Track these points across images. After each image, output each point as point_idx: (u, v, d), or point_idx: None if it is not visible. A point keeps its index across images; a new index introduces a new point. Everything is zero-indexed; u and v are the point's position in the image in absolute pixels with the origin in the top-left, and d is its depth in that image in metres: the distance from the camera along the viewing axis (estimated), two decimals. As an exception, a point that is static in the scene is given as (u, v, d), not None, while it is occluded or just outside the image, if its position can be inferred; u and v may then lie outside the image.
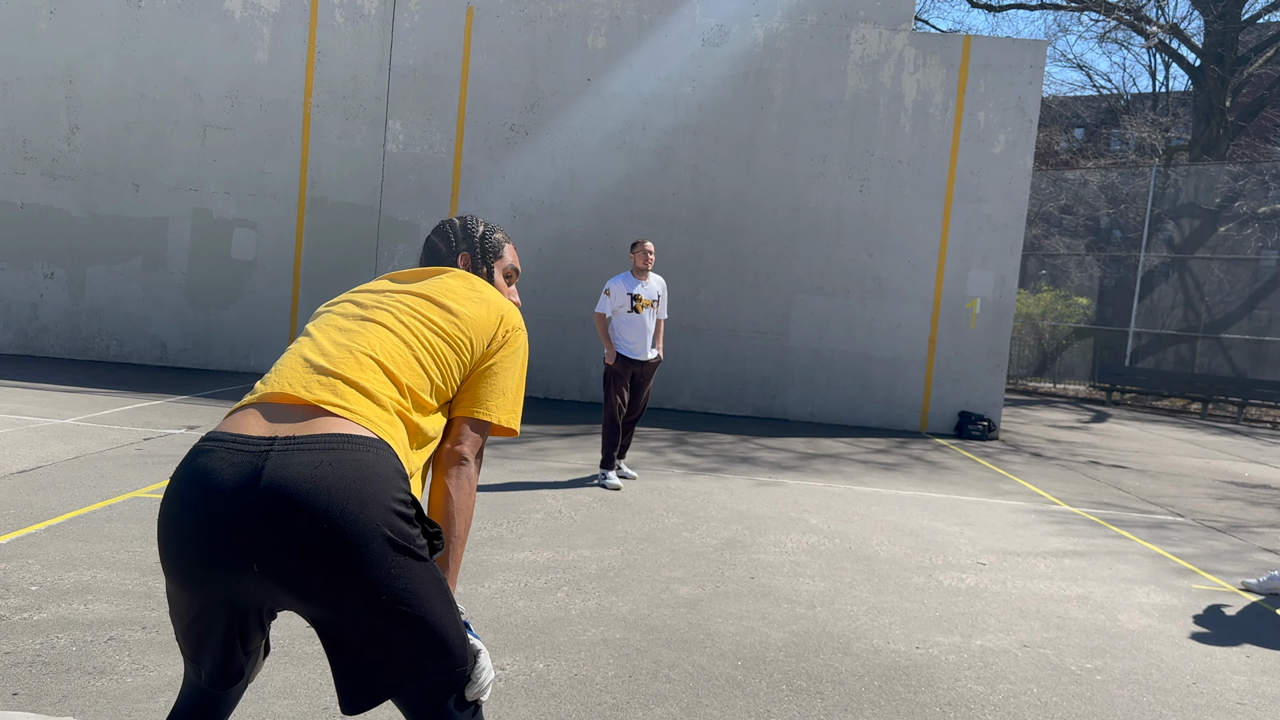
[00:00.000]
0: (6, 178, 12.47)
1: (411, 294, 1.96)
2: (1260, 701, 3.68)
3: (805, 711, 3.21)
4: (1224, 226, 21.73)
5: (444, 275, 2.05)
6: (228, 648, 1.69)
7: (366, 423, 1.65)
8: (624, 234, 12.12)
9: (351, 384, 1.71)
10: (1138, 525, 7.07)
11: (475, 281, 2.06)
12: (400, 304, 1.93)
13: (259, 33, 12.30)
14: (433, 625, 1.62)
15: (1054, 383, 23.45)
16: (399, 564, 1.56)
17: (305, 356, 1.77)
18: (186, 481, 1.57)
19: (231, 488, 1.52)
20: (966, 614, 4.46)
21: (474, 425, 1.89)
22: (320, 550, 1.49)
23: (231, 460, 1.55)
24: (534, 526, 5.48)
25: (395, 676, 1.61)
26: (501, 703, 3.08)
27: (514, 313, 2.05)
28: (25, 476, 5.63)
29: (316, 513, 1.50)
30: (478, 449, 1.90)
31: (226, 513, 1.51)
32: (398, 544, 1.57)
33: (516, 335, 2.00)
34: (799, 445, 9.88)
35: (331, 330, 1.85)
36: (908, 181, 11.97)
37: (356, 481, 1.54)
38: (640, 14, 12.02)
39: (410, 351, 1.82)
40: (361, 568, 1.52)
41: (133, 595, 3.81)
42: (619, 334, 6.89)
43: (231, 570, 1.53)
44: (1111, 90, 31.14)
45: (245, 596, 1.59)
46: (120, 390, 9.73)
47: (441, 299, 1.95)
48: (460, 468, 1.84)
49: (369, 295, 1.97)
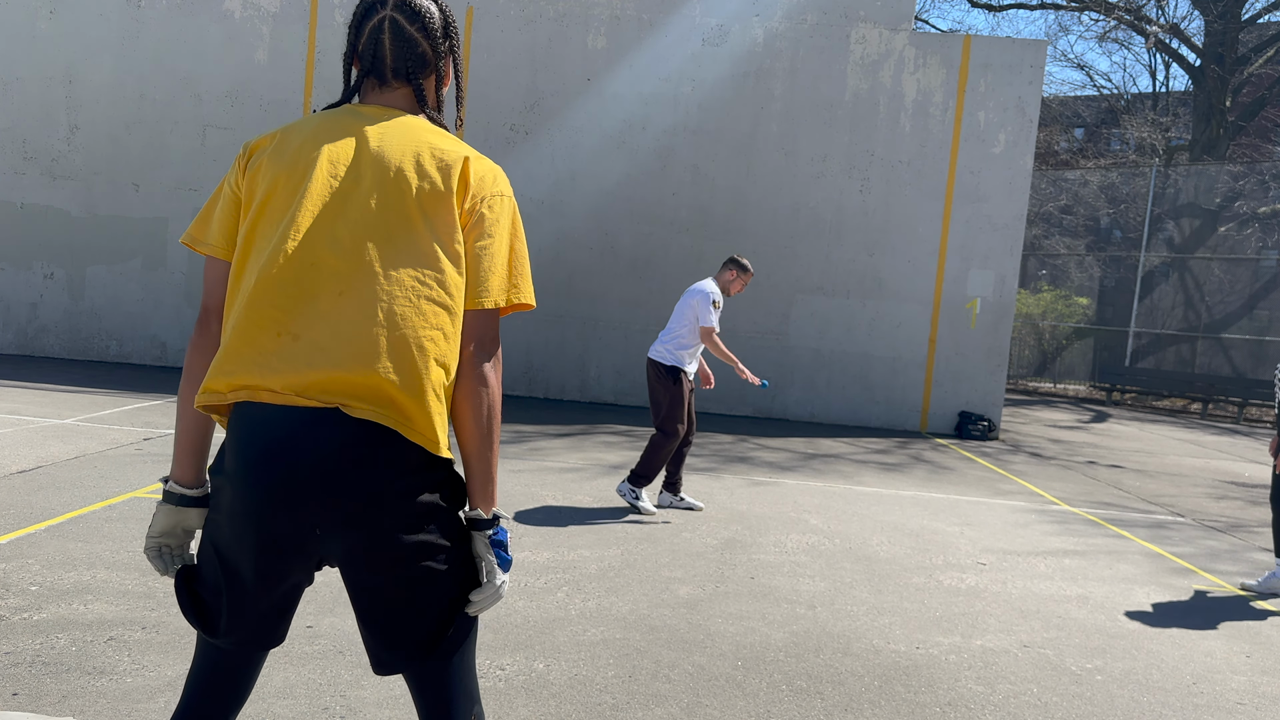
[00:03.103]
0: (6, 178, 12.46)
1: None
2: (1260, 701, 3.67)
3: (805, 712, 3.21)
4: (1224, 226, 21.73)
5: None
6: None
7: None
8: (624, 234, 12.12)
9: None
10: (1137, 525, 7.07)
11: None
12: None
13: (259, 33, 12.30)
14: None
15: (1054, 383, 23.44)
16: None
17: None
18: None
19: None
20: (967, 614, 4.46)
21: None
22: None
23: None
24: (534, 526, 5.48)
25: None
26: (501, 703, 3.08)
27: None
28: (25, 476, 5.63)
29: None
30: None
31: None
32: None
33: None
34: (799, 445, 9.88)
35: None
36: (908, 181, 11.96)
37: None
38: (640, 14, 12.02)
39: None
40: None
41: (133, 595, 3.81)
42: (696, 353, 6.09)
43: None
44: (1112, 90, 31.15)
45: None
46: (120, 390, 9.73)
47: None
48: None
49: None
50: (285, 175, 1.64)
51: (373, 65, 1.73)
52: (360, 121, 1.69)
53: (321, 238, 1.60)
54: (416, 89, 1.74)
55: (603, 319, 12.22)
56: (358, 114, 1.71)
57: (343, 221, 1.60)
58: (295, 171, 1.64)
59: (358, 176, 1.63)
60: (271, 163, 1.66)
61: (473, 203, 1.66)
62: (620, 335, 12.16)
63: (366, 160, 1.64)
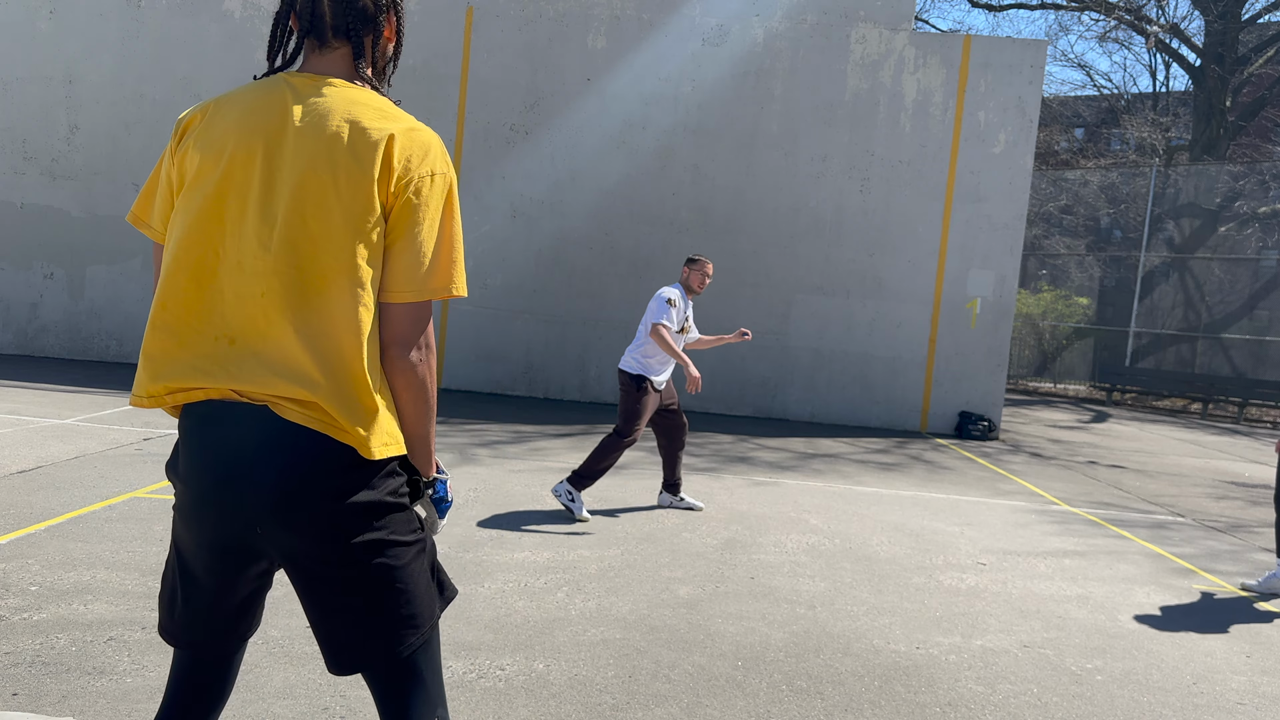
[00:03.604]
0: (6, 178, 12.46)
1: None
2: (1260, 702, 3.67)
3: (805, 712, 3.21)
4: (1224, 226, 21.73)
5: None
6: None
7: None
8: (624, 234, 12.12)
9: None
10: (1138, 525, 7.07)
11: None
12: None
13: (259, 33, 12.29)
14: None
15: (1054, 383, 23.44)
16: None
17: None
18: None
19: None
20: (967, 614, 4.46)
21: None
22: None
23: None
24: (534, 526, 5.48)
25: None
26: (501, 703, 3.08)
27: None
28: (25, 476, 5.63)
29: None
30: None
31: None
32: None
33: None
34: (799, 445, 9.88)
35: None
36: (908, 181, 11.96)
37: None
38: (640, 14, 12.01)
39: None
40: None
41: (132, 595, 3.81)
42: (665, 359, 5.84)
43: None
44: (1112, 90, 31.15)
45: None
46: (120, 390, 9.73)
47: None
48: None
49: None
50: (210, 161, 1.57)
51: (311, 24, 1.62)
52: (289, 97, 1.58)
53: (244, 233, 1.54)
54: (356, 47, 1.63)
55: (603, 319, 12.22)
56: (289, 87, 1.60)
57: (263, 213, 1.53)
58: (219, 158, 1.56)
59: (279, 164, 1.55)
60: (197, 146, 1.59)
61: (398, 186, 1.55)
62: (620, 335, 12.15)
63: (289, 145, 1.55)
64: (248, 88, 1.63)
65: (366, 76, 1.66)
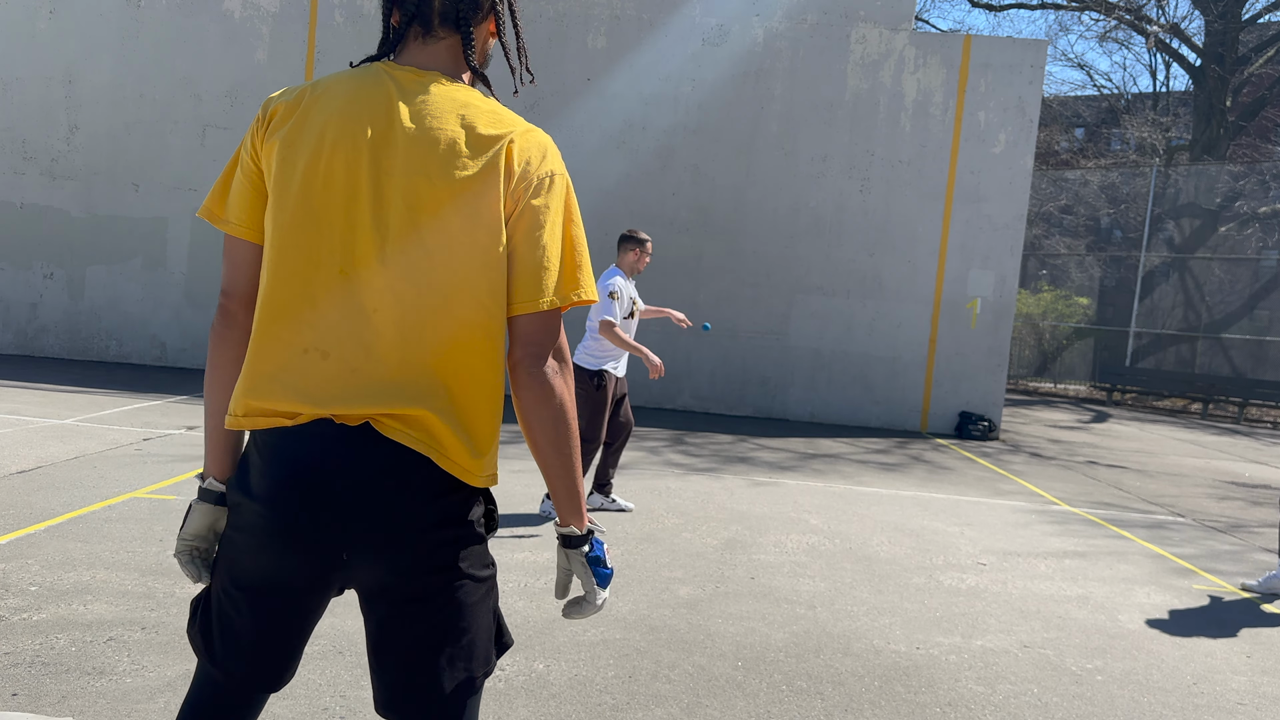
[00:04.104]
0: (6, 178, 12.46)
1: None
2: (1260, 702, 3.67)
3: (805, 712, 3.21)
4: (1224, 226, 21.73)
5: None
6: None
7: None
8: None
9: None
10: (1138, 525, 7.07)
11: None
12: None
13: (258, 32, 12.29)
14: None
15: (1054, 383, 23.43)
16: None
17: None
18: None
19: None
20: (967, 614, 4.46)
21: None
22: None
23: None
24: (534, 526, 5.47)
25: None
26: (501, 703, 3.08)
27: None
28: (25, 476, 5.63)
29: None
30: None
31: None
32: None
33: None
34: (799, 445, 9.88)
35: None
36: (908, 181, 11.96)
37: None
38: (640, 14, 12.01)
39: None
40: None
41: (132, 595, 3.81)
42: (618, 352, 5.74)
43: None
44: (1112, 90, 31.15)
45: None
46: (120, 390, 9.73)
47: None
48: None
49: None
50: (310, 161, 1.44)
51: (417, 10, 1.49)
52: (394, 92, 1.46)
53: (352, 240, 1.43)
54: (465, 38, 1.50)
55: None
56: (392, 80, 1.47)
57: (374, 221, 1.42)
58: (319, 155, 1.44)
59: (390, 169, 1.43)
60: (293, 140, 1.46)
61: (518, 191, 1.45)
62: (620, 335, 12.14)
63: (400, 149, 1.43)
64: (346, 76, 1.50)
65: (474, 68, 1.54)
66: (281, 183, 1.46)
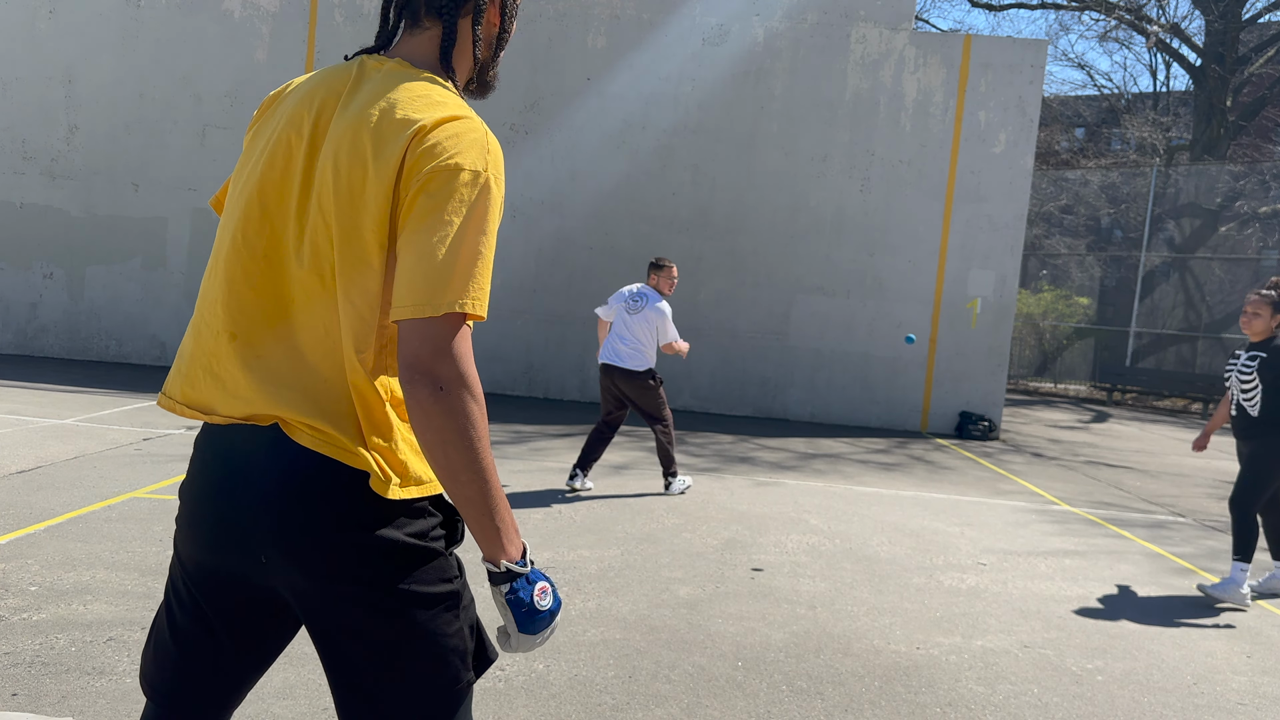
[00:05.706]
0: (6, 178, 12.46)
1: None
2: (1260, 702, 3.67)
3: (805, 712, 3.21)
4: (1225, 226, 21.72)
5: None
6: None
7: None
8: (624, 234, 12.11)
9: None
10: (1138, 525, 7.07)
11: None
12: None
13: (258, 32, 12.29)
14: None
15: (1055, 383, 23.43)
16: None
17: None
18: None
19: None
20: (967, 614, 4.46)
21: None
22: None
23: None
24: (534, 526, 5.47)
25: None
26: (501, 703, 3.08)
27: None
28: (25, 476, 5.63)
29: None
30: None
31: None
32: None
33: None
34: (799, 445, 9.87)
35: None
36: (908, 181, 11.96)
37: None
38: (640, 13, 12.01)
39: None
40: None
41: (132, 595, 3.81)
42: (653, 347, 6.61)
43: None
44: (1112, 90, 31.14)
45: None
46: (120, 390, 9.73)
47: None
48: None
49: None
50: (263, 147, 1.44)
51: (406, 1, 1.47)
52: (352, 79, 1.43)
53: (284, 227, 1.40)
54: (448, 29, 1.45)
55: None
56: (359, 68, 1.44)
57: (298, 209, 1.38)
58: (269, 143, 1.43)
59: (315, 157, 1.39)
60: (261, 129, 1.46)
61: (408, 179, 1.31)
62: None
63: (332, 131, 1.38)
64: (327, 68, 1.48)
65: (447, 62, 1.46)
66: (240, 169, 1.48)
